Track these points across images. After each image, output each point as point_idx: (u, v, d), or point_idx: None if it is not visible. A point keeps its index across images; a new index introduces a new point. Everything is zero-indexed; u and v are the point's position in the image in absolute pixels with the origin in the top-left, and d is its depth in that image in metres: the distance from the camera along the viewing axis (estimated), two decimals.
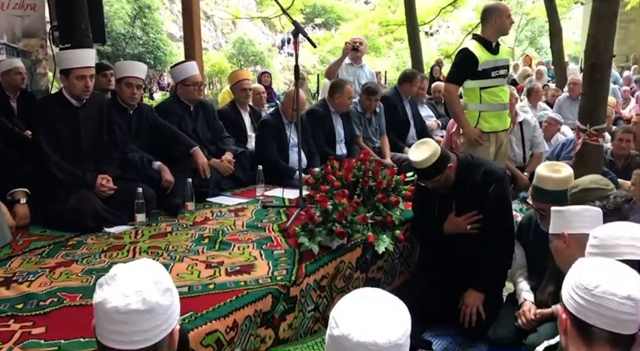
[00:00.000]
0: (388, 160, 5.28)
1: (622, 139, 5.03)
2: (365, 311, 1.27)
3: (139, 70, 4.07)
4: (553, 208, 2.39)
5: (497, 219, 3.19)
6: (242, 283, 2.60)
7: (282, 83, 22.83)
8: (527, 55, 15.34)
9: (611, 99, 8.05)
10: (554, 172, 2.92)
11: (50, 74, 6.71)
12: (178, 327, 1.38)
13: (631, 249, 1.71)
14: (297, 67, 3.51)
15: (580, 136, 3.91)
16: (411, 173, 4.02)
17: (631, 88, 11.04)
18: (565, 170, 2.96)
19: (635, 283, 1.39)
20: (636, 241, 1.73)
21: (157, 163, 3.89)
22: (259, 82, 8.20)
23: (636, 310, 1.36)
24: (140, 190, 3.42)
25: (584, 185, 2.88)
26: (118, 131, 3.84)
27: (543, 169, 2.96)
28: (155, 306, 1.27)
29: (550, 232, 2.39)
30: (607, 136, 5.69)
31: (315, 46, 3.84)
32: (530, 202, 3.09)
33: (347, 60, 6.04)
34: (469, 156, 3.40)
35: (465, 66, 4.26)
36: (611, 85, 10.82)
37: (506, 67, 4.42)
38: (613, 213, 2.56)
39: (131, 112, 4.01)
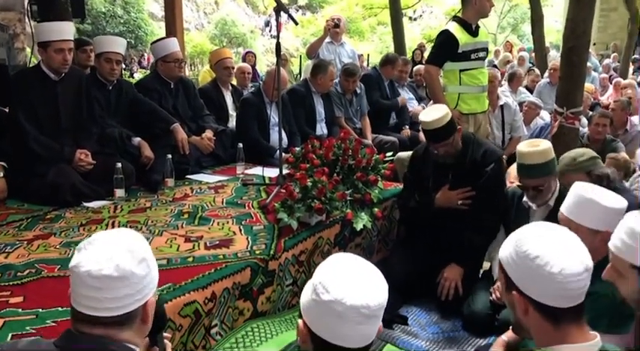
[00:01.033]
0: (368, 142, 5.32)
1: (598, 124, 5.11)
2: (352, 276, 1.32)
3: (118, 45, 4.03)
4: (600, 203, 2.11)
5: (490, 198, 3.21)
6: (221, 257, 2.62)
7: (264, 65, 22.70)
8: (508, 42, 15.44)
9: (589, 85, 8.18)
10: (534, 146, 2.97)
11: (28, 50, 6.59)
12: (154, 299, 1.36)
13: None
14: (278, 44, 3.51)
15: (557, 119, 3.98)
16: (390, 153, 4.07)
17: (610, 76, 11.18)
18: (543, 143, 3.02)
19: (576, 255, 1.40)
20: None
21: (137, 139, 3.88)
22: (244, 62, 8.16)
23: (588, 279, 1.40)
24: (119, 165, 3.41)
25: (590, 154, 2.96)
26: (97, 106, 3.82)
27: (523, 146, 3.01)
28: (128, 274, 1.26)
29: (586, 225, 2.12)
30: (584, 120, 5.79)
31: (296, 24, 3.83)
32: (518, 183, 3.13)
33: (327, 38, 6.05)
34: (472, 134, 3.46)
35: (445, 48, 4.28)
36: (593, 73, 11.03)
37: (486, 49, 4.45)
38: (611, 186, 2.64)
39: (110, 87, 3.98)
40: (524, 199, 3.06)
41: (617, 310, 1.89)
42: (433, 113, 3.18)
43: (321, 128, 5.21)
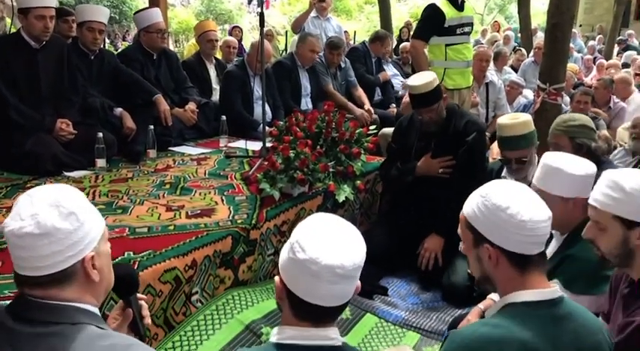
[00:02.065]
0: (368, 106, 5.39)
1: (580, 101, 5.15)
2: (329, 236, 1.32)
3: (101, 14, 3.97)
4: (567, 171, 2.12)
5: (470, 168, 3.24)
6: (202, 225, 2.62)
7: (250, 43, 22.54)
8: (496, 22, 15.42)
9: (573, 66, 8.22)
10: (514, 119, 3.00)
11: (8, 20, 6.47)
12: (93, 254, 1.24)
13: None
14: (261, 15, 3.48)
15: (539, 95, 4.00)
16: (373, 127, 4.08)
17: (594, 58, 11.22)
18: (523, 116, 3.05)
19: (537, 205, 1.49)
20: None
21: (119, 110, 3.84)
22: (230, 36, 8.05)
23: (548, 228, 1.48)
24: (100, 135, 3.38)
25: (583, 122, 2.98)
26: (79, 76, 3.77)
27: (503, 119, 3.05)
28: (51, 230, 1.17)
29: (556, 193, 2.12)
30: (566, 99, 5.83)
31: None
32: (499, 157, 3.16)
33: (313, 13, 6.01)
34: (456, 105, 3.50)
35: (431, 22, 4.28)
36: (576, 54, 11.08)
37: (471, 24, 4.45)
38: (592, 157, 2.66)
39: (92, 57, 3.93)
40: (503, 173, 3.10)
41: (592, 272, 1.94)
42: (421, 78, 3.23)
43: (306, 103, 5.18)
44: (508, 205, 1.44)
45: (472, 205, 1.53)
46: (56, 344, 1.15)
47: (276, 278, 1.35)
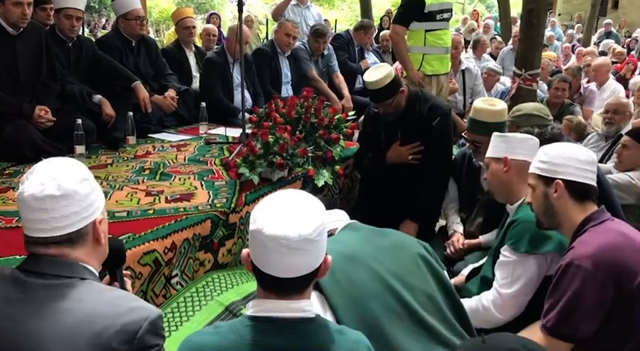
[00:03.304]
0: (346, 94, 5.45)
1: (558, 88, 5.23)
2: (280, 208, 1.32)
3: (78, 1, 3.93)
4: (496, 134, 2.52)
5: (437, 152, 3.31)
6: (181, 209, 2.65)
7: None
8: (475, 10, 15.50)
9: (551, 53, 8.32)
10: (490, 105, 3.04)
11: None
12: (102, 218, 1.40)
13: (577, 172, 1.95)
14: (240, 0, 3.49)
15: (515, 81, 4.06)
16: (352, 113, 4.12)
17: (573, 46, 11.35)
18: (500, 104, 3.10)
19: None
20: (582, 165, 1.95)
21: (98, 97, 3.83)
22: (208, 23, 8.02)
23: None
24: (79, 121, 3.37)
25: (528, 111, 3.06)
26: (57, 63, 3.75)
27: (480, 102, 3.09)
28: (71, 192, 1.30)
29: (489, 155, 2.50)
30: (543, 86, 5.92)
31: None
32: (466, 136, 3.21)
33: (293, 1, 6.01)
34: (419, 90, 3.52)
35: (412, 7, 4.33)
36: (556, 42, 11.20)
37: (450, 10, 4.51)
38: (548, 142, 2.73)
39: (70, 44, 3.90)
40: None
41: (534, 232, 2.16)
42: (376, 74, 3.23)
43: (287, 90, 5.20)
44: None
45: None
46: (67, 293, 1.28)
47: (244, 250, 1.38)
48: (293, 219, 1.29)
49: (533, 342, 1.20)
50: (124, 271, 1.63)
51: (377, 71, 3.26)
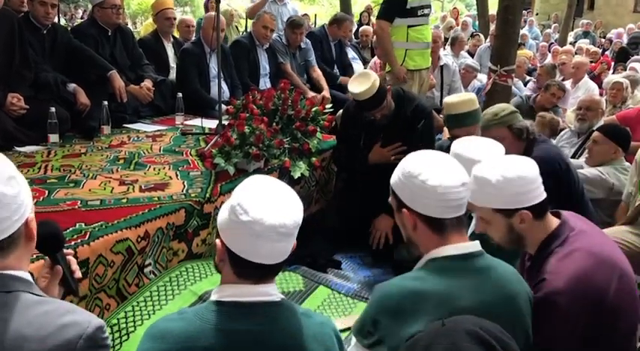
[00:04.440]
0: (325, 93, 5.39)
1: (554, 95, 5.28)
2: (268, 197, 1.35)
3: None
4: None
5: None
6: (155, 199, 2.63)
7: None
8: (455, 8, 15.61)
9: (528, 52, 8.42)
10: (458, 97, 3.10)
11: None
12: (32, 216, 1.25)
13: (535, 192, 1.78)
14: None
15: (491, 77, 4.11)
16: (330, 105, 4.12)
17: (550, 45, 11.49)
18: (468, 94, 3.14)
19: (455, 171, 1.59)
20: (536, 184, 1.79)
21: (72, 86, 3.77)
22: (206, 9, 7.85)
23: (466, 192, 1.58)
24: (53, 109, 3.33)
25: (511, 108, 3.03)
26: (31, 51, 3.69)
27: (450, 98, 3.14)
28: None
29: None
30: (519, 83, 5.99)
31: None
32: (447, 136, 3.25)
33: None
34: (400, 89, 3.51)
35: (395, 3, 4.36)
36: (531, 41, 11.34)
37: (429, 6, 4.56)
38: (531, 138, 2.77)
39: (45, 32, 3.84)
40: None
41: (500, 251, 1.96)
42: (362, 86, 3.17)
43: (265, 83, 5.18)
44: (420, 172, 1.55)
45: (396, 172, 1.64)
46: None
47: (217, 241, 1.38)
48: (285, 206, 1.35)
49: (490, 322, 1.22)
50: (65, 251, 1.47)
51: (362, 83, 3.18)
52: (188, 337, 1.29)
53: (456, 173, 1.57)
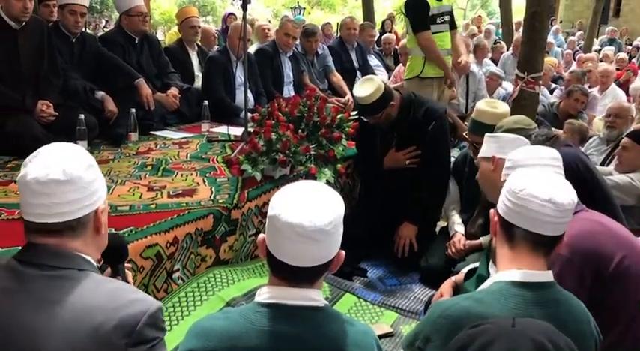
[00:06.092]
0: (348, 96, 5.37)
1: (578, 100, 5.24)
2: (299, 197, 1.32)
3: None
4: (488, 134, 2.46)
5: (434, 155, 3.33)
6: (183, 204, 2.65)
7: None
8: (479, 16, 15.56)
9: (553, 59, 8.34)
10: (492, 107, 3.06)
11: None
12: (104, 207, 1.35)
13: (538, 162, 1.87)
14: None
15: (517, 84, 4.07)
16: (355, 112, 4.11)
17: (574, 52, 11.38)
18: (502, 106, 3.10)
19: (560, 189, 1.49)
20: (543, 161, 1.88)
21: (100, 93, 3.82)
22: (224, 23, 7.95)
23: (557, 213, 1.46)
24: (82, 116, 3.37)
25: (509, 126, 3.02)
26: (60, 59, 3.75)
27: (482, 104, 3.10)
28: (76, 178, 1.25)
29: (480, 155, 2.45)
30: (545, 90, 5.92)
31: None
32: (467, 137, 3.21)
33: None
34: (412, 94, 3.50)
35: (421, 10, 4.34)
36: (556, 48, 11.23)
37: (450, 13, 4.54)
38: (543, 143, 2.72)
39: (74, 40, 3.90)
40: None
41: None
42: (365, 90, 3.23)
43: (289, 90, 5.19)
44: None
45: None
46: (65, 284, 1.24)
47: (260, 235, 1.38)
48: (310, 209, 1.28)
49: (564, 337, 1.13)
50: (127, 264, 1.62)
51: (366, 88, 3.24)
52: (231, 336, 1.29)
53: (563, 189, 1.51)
